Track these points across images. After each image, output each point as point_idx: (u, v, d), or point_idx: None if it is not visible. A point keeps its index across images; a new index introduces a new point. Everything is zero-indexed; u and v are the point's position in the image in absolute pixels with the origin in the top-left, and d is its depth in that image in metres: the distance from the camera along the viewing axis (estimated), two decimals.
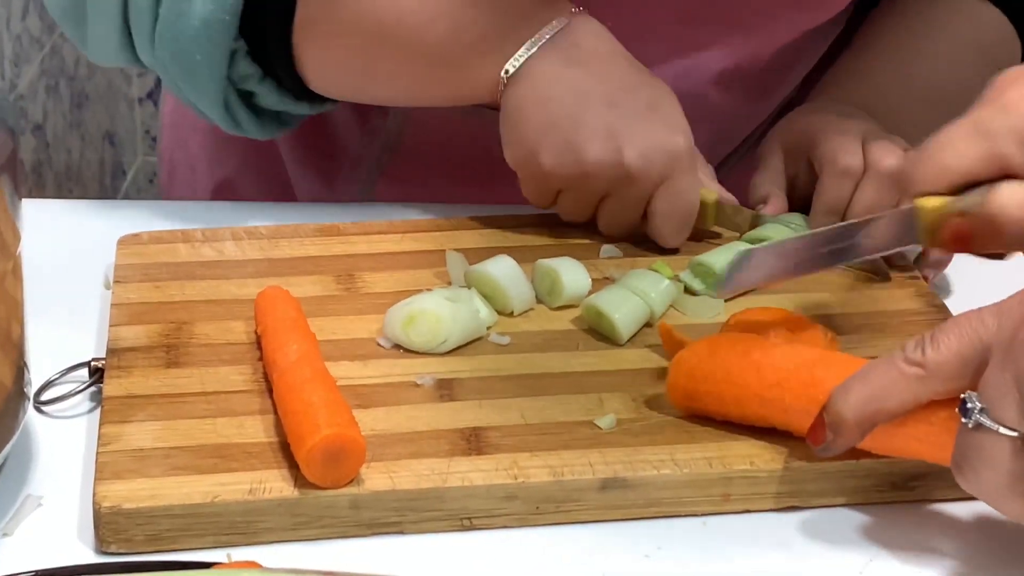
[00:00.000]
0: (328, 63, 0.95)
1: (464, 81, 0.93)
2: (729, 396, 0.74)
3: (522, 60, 0.90)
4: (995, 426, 0.65)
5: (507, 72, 0.90)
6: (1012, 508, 0.66)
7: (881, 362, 0.69)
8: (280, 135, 1.03)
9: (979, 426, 0.65)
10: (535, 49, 0.90)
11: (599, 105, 0.89)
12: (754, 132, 1.11)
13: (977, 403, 0.65)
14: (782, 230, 0.93)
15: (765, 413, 0.73)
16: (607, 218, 0.93)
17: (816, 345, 0.77)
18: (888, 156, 0.91)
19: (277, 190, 1.14)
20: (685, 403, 0.75)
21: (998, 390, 0.65)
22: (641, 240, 0.94)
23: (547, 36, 0.90)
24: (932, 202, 0.74)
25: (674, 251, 0.93)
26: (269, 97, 0.97)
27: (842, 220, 0.91)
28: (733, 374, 0.74)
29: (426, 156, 1.06)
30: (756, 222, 0.93)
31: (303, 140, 1.11)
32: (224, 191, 1.16)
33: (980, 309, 0.68)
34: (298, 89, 0.97)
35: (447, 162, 1.05)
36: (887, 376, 0.68)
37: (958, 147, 0.73)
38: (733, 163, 1.11)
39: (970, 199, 0.73)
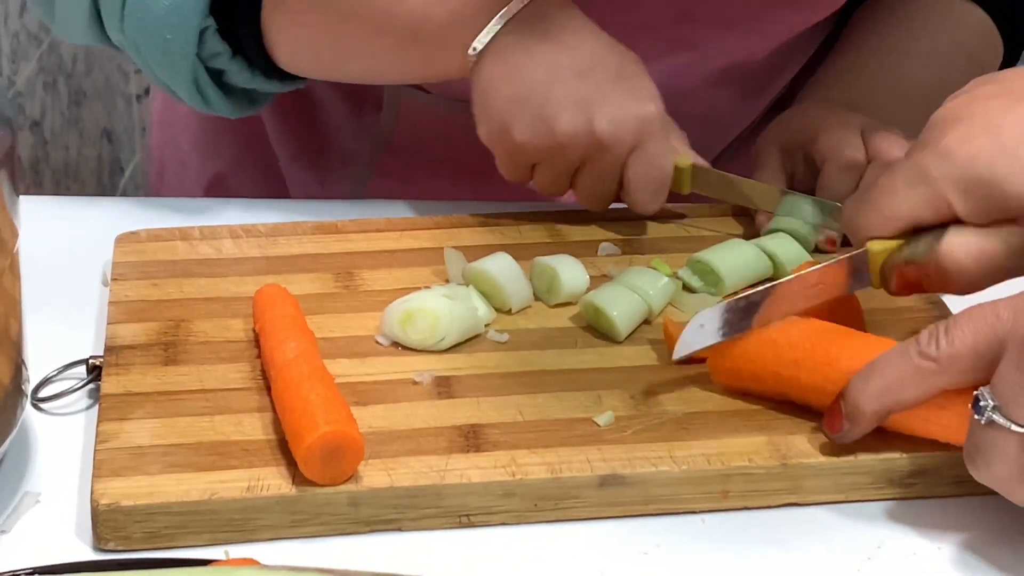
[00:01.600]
0: (297, 40, 0.96)
1: (434, 57, 0.94)
2: (747, 373, 0.75)
3: (490, 35, 0.90)
4: (1008, 424, 0.66)
5: (475, 49, 0.91)
6: (1023, 496, 0.68)
7: (896, 354, 0.70)
8: (252, 113, 1.03)
9: (992, 422, 0.66)
10: (503, 24, 0.90)
11: (569, 76, 0.90)
12: (746, 129, 1.11)
13: (990, 400, 0.66)
14: (796, 223, 0.93)
15: (782, 390, 0.75)
16: (584, 189, 0.93)
17: (847, 315, 0.78)
18: (892, 146, 0.92)
19: (270, 186, 1.14)
20: (724, 379, 0.77)
21: (1011, 388, 0.66)
22: (638, 236, 0.94)
23: (515, 10, 0.90)
24: (881, 245, 0.76)
25: (673, 248, 0.93)
26: (239, 75, 0.98)
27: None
28: (750, 351, 0.75)
29: (419, 152, 1.06)
30: (732, 186, 0.94)
31: (296, 136, 1.11)
32: (216, 187, 1.16)
33: (995, 302, 0.68)
34: (268, 67, 0.98)
35: (440, 158, 1.06)
36: (903, 369, 0.69)
37: (901, 193, 0.74)
38: (726, 159, 1.11)
39: (918, 248, 0.75)
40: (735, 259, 0.89)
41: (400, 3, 0.92)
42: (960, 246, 0.74)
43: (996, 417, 0.66)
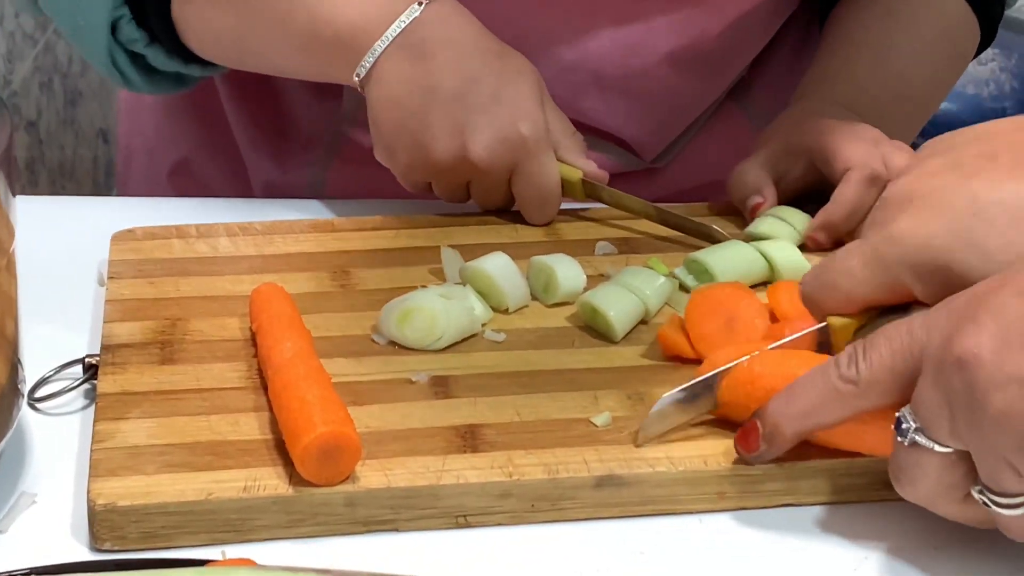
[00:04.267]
0: (205, 34, 0.98)
1: (327, 73, 0.96)
2: (734, 406, 0.74)
3: (369, 64, 0.92)
4: (930, 444, 0.66)
5: (358, 75, 0.93)
6: (948, 511, 0.68)
7: (817, 376, 0.69)
8: (178, 92, 1.05)
9: (914, 443, 0.66)
10: (381, 50, 0.92)
11: (445, 100, 0.91)
12: (707, 111, 1.11)
13: (912, 422, 0.66)
14: (778, 225, 0.93)
15: (725, 412, 0.75)
16: (478, 200, 0.95)
17: None
18: (903, 159, 0.93)
19: (233, 170, 1.14)
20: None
21: (931, 409, 0.66)
22: (635, 236, 0.94)
23: (393, 35, 0.91)
24: (841, 322, 0.75)
25: (670, 248, 0.93)
26: (159, 60, 1.00)
27: (861, 221, 0.91)
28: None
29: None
30: (620, 199, 0.95)
31: (255, 119, 1.12)
32: (180, 173, 1.16)
33: (910, 320, 0.68)
34: (186, 53, 0.99)
35: None
36: (824, 392, 0.69)
37: (857, 277, 0.74)
38: (686, 141, 1.11)
39: (880, 328, 0.73)
40: (731, 260, 0.89)
41: (292, 16, 0.94)
42: None
43: (918, 438, 0.66)
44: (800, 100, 1.03)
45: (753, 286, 0.88)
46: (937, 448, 0.66)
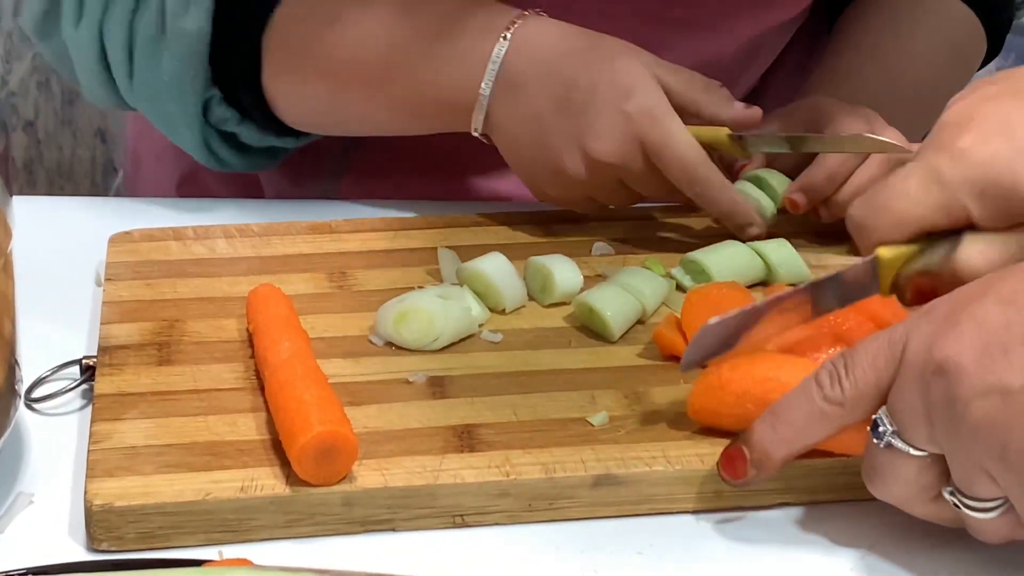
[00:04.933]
0: (299, 105, 0.97)
1: (441, 128, 0.95)
2: (706, 411, 0.74)
3: (481, 120, 0.92)
4: (906, 448, 0.66)
5: (476, 130, 0.92)
6: (919, 511, 0.68)
7: (801, 398, 0.69)
8: (274, 166, 1.05)
9: (890, 446, 0.66)
10: (487, 102, 0.91)
11: (552, 120, 0.90)
12: None
13: (889, 426, 0.66)
14: (756, 184, 0.93)
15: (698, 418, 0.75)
16: (647, 193, 0.92)
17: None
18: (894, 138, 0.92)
19: (243, 183, 1.14)
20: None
21: (909, 413, 0.65)
22: (632, 236, 0.94)
23: (491, 83, 0.90)
24: (892, 252, 0.74)
25: (667, 248, 0.93)
26: (252, 136, 0.99)
27: (839, 188, 0.92)
28: (709, 387, 0.74)
29: (393, 149, 1.06)
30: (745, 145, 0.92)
31: None
32: (188, 183, 1.16)
33: (890, 330, 0.67)
34: (279, 126, 0.98)
35: (414, 155, 1.05)
36: (808, 414, 0.68)
37: (914, 197, 0.73)
38: None
39: (934, 257, 0.73)
40: (728, 260, 0.89)
41: (395, 71, 0.93)
42: (978, 254, 0.72)
43: (895, 441, 0.66)
44: (799, 98, 1.03)
45: (750, 286, 0.88)
46: (913, 452, 0.66)
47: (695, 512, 0.72)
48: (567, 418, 0.75)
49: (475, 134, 0.93)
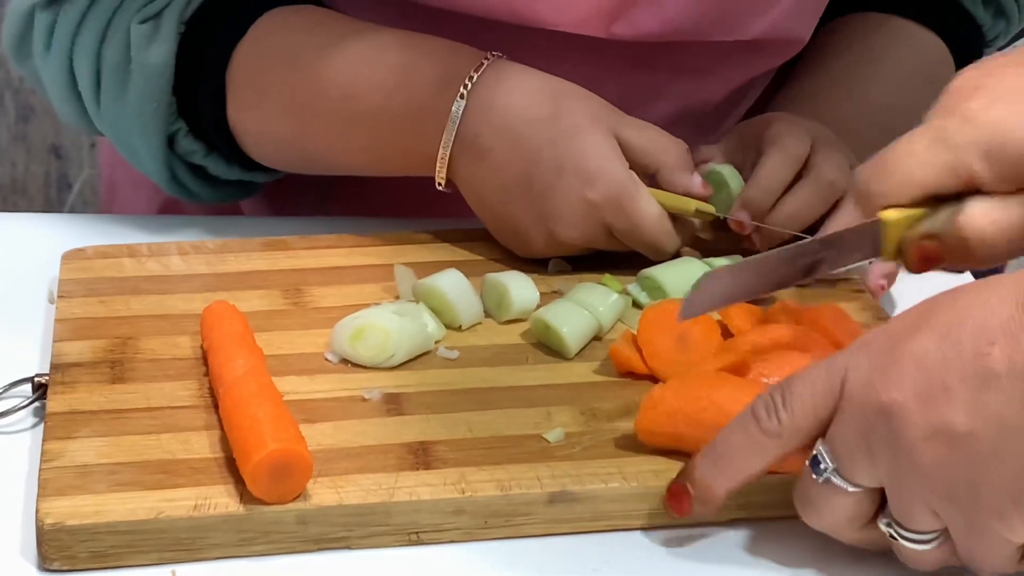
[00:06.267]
0: (265, 142, 0.97)
1: (403, 171, 0.94)
2: (645, 431, 0.74)
3: (444, 175, 0.91)
4: (845, 485, 0.66)
5: (440, 185, 0.92)
6: (849, 539, 0.69)
7: (738, 432, 0.68)
8: (244, 198, 1.04)
9: (828, 481, 0.66)
10: (447, 157, 0.90)
11: (517, 195, 0.89)
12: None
13: (829, 462, 0.66)
14: (728, 169, 0.93)
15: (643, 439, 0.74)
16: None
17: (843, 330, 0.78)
18: (832, 168, 0.92)
19: (227, 213, 1.13)
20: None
21: (849, 451, 0.65)
22: (588, 253, 0.94)
23: (450, 140, 0.89)
24: (896, 215, 0.73)
25: (623, 264, 0.93)
26: (220, 168, 0.99)
27: (771, 206, 0.91)
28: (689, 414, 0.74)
29: (379, 183, 1.05)
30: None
31: None
32: (170, 212, 1.15)
33: (828, 361, 0.67)
34: (246, 160, 0.98)
35: (403, 188, 1.05)
36: (747, 448, 0.68)
37: (920, 158, 0.72)
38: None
39: (938, 220, 0.72)
40: (683, 276, 0.89)
41: (358, 113, 0.92)
42: (982, 216, 0.71)
43: (834, 478, 0.66)
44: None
45: None
46: (851, 488, 0.66)
47: (651, 529, 0.72)
48: (523, 435, 0.75)
49: (440, 188, 0.92)
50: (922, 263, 0.74)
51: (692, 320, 0.82)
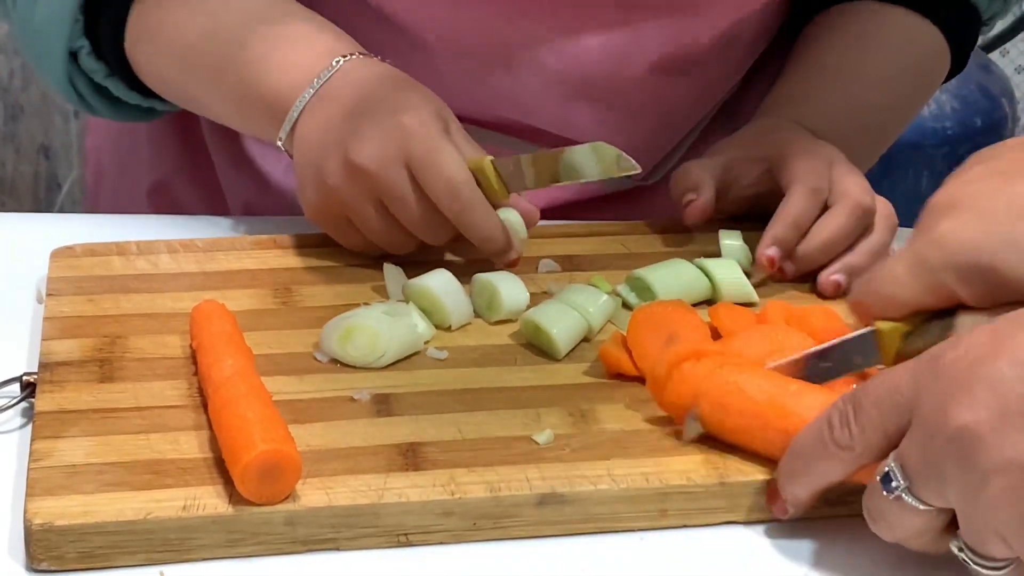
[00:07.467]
0: (154, 77, 0.99)
1: (259, 133, 0.96)
2: (715, 420, 0.74)
3: (289, 128, 0.91)
4: (916, 504, 0.66)
5: (280, 139, 0.92)
6: (919, 548, 0.69)
7: (812, 442, 0.69)
8: (144, 120, 1.06)
9: (899, 498, 0.66)
10: (300, 110, 0.91)
11: (336, 124, 0.89)
12: (698, 124, 1.11)
13: (901, 480, 0.66)
14: (512, 215, 0.90)
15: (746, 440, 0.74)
16: (413, 229, 0.89)
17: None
18: (860, 192, 0.93)
19: (213, 194, 1.13)
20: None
21: (922, 472, 0.66)
22: (578, 254, 0.94)
23: (309, 95, 0.91)
24: (890, 325, 0.76)
25: (613, 265, 0.93)
26: (120, 91, 1.01)
27: (803, 235, 0.93)
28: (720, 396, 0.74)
29: None
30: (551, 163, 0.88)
31: (234, 144, 1.11)
32: (159, 194, 1.15)
33: (894, 372, 0.68)
34: (144, 87, 1.00)
35: None
36: (822, 459, 0.69)
37: (902, 282, 0.75)
38: (680, 153, 1.11)
39: (931, 335, 0.74)
40: (673, 278, 0.89)
41: (229, 67, 0.94)
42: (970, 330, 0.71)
43: (905, 496, 0.66)
44: (762, 116, 1.03)
45: (695, 304, 0.88)
46: (922, 507, 0.66)
47: (640, 530, 0.72)
48: (512, 436, 0.75)
49: (279, 144, 0.92)
50: None
51: (681, 321, 0.82)
